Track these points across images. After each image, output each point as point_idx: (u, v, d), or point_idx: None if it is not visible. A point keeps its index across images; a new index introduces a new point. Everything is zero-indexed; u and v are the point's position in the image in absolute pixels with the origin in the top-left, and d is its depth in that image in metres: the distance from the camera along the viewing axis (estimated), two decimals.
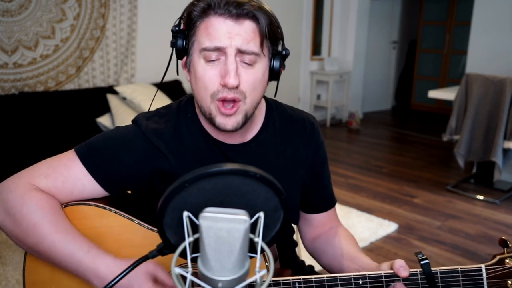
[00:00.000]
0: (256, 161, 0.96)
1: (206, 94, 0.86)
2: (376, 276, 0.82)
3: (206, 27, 0.83)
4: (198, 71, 0.85)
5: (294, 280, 0.82)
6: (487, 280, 0.80)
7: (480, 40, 3.97)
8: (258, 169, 0.52)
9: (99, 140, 0.93)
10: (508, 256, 0.81)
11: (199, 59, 0.85)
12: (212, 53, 0.83)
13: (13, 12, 3.24)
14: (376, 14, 6.38)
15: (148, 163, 0.91)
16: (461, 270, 0.81)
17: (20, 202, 0.82)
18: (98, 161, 0.89)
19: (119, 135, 0.93)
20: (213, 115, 0.86)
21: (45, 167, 0.88)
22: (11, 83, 3.31)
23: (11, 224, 0.83)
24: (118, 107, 3.46)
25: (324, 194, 1.09)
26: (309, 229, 1.11)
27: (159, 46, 4.05)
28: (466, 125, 3.34)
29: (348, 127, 5.85)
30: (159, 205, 0.53)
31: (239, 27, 0.82)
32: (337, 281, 0.82)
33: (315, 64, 5.93)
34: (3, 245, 2.49)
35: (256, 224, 0.52)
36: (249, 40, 0.83)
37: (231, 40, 0.82)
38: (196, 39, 0.85)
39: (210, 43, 0.83)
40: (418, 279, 0.81)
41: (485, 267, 0.81)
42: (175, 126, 0.94)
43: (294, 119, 1.03)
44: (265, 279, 0.49)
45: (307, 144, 1.03)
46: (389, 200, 3.41)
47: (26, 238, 0.82)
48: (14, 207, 0.82)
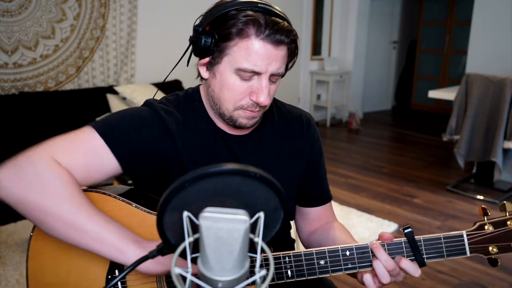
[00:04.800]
0: (256, 152, 1.00)
1: (231, 102, 0.90)
2: (362, 246, 0.84)
3: (247, 48, 0.84)
4: (229, 82, 0.88)
5: (284, 254, 0.84)
6: (469, 245, 0.84)
7: (480, 40, 3.97)
8: (258, 169, 0.52)
9: (115, 117, 0.92)
10: (488, 222, 0.85)
11: (231, 74, 0.88)
12: (247, 73, 0.86)
13: (13, 12, 3.24)
14: (376, 14, 6.38)
15: (162, 142, 0.92)
16: (443, 237, 0.84)
17: (50, 176, 0.79)
18: (118, 136, 0.88)
19: (135, 113, 0.93)
20: (234, 118, 0.92)
21: (62, 142, 0.86)
22: (11, 83, 3.31)
23: (38, 196, 0.78)
24: (118, 107, 3.46)
25: (320, 188, 1.12)
26: (306, 224, 1.14)
27: (159, 46, 4.07)
28: (466, 125, 3.34)
29: (348, 127, 5.85)
30: (159, 205, 0.53)
31: (276, 53, 0.86)
32: (325, 253, 0.84)
33: (315, 64, 5.93)
34: (3, 245, 2.49)
35: (256, 224, 0.52)
36: (281, 65, 0.88)
37: (268, 66, 0.86)
38: (232, 55, 0.86)
39: (248, 65, 0.85)
40: (402, 247, 0.84)
41: (466, 233, 0.84)
42: (183, 111, 0.96)
43: (292, 115, 1.07)
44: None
45: (304, 138, 1.06)
46: (389, 200, 3.41)
47: (53, 211, 0.78)
48: (44, 180, 0.79)
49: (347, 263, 0.84)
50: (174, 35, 3.98)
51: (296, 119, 1.07)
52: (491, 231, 0.83)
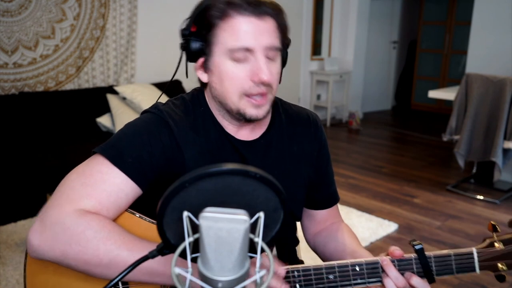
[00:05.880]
0: (265, 157, 0.98)
1: (235, 92, 0.87)
2: (372, 262, 0.84)
3: (230, 26, 0.83)
4: (227, 71, 0.86)
5: (293, 268, 0.83)
6: (479, 263, 0.83)
7: (480, 40, 3.97)
8: (258, 169, 0.52)
9: (122, 139, 0.89)
10: (497, 239, 0.84)
11: (225, 60, 0.86)
12: (240, 53, 0.84)
13: (13, 12, 3.24)
14: (376, 14, 6.38)
15: (170, 151, 0.90)
16: (453, 254, 0.83)
17: (81, 228, 0.77)
18: (131, 161, 0.86)
19: (142, 128, 0.90)
20: (242, 110, 0.88)
21: (80, 187, 0.83)
22: (11, 83, 3.31)
23: (76, 252, 0.77)
24: (118, 107, 3.46)
25: (328, 191, 1.11)
26: (312, 224, 1.13)
27: (159, 46, 4.07)
28: (466, 125, 3.34)
29: (348, 127, 5.85)
30: (159, 205, 0.53)
31: (263, 25, 0.84)
32: (334, 268, 0.83)
33: (315, 64, 5.93)
34: (3, 245, 2.49)
35: (256, 224, 0.52)
36: (273, 37, 0.86)
37: (259, 40, 0.84)
38: (219, 40, 0.85)
39: (237, 43, 0.83)
40: (412, 263, 0.83)
41: (476, 250, 0.83)
42: (192, 117, 0.94)
43: (299, 116, 1.05)
44: (265, 279, 0.49)
45: (312, 141, 1.05)
46: (389, 200, 3.41)
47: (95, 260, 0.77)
48: (76, 234, 0.77)
49: (356, 277, 0.83)
50: (174, 35, 3.96)
51: (303, 120, 1.05)
52: (501, 248, 0.83)
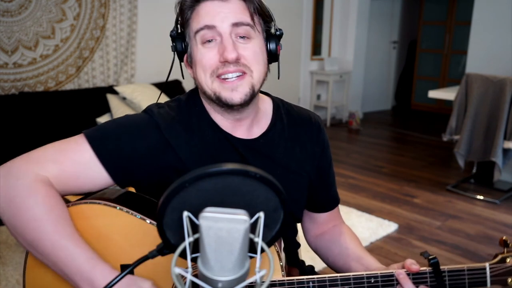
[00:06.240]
0: (265, 157, 0.96)
1: (206, 74, 0.87)
2: (387, 274, 0.85)
3: (197, 13, 0.86)
4: (197, 56, 0.87)
5: (308, 279, 0.84)
6: (491, 277, 0.85)
7: (480, 40, 3.97)
8: (258, 169, 0.52)
9: (110, 126, 0.90)
10: (509, 255, 0.85)
11: (196, 45, 0.87)
12: (205, 32, 0.85)
13: (13, 12, 3.24)
14: (376, 14, 6.39)
15: (160, 154, 0.89)
16: (467, 269, 0.85)
17: (27, 193, 0.78)
18: (110, 148, 0.86)
19: (132, 122, 0.91)
20: (217, 92, 0.87)
21: (52, 151, 0.85)
22: (11, 83, 3.31)
23: (12, 213, 0.78)
24: (118, 107, 3.46)
25: (329, 194, 1.10)
26: (313, 227, 1.12)
27: (159, 46, 4.06)
28: (466, 125, 3.34)
29: (348, 127, 5.85)
30: (159, 205, 0.53)
31: (227, 5, 0.85)
32: (350, 280, 0.85)
33: (315, 64, 5.93)
34: (3, 245, 2.49)
35: (256, 224, 0.52)
36: (240, 14, 0.85)
37: (221, 17, 0.84)
38: (190, 29, 0.88)
39: (199, 24, 0.85)
40: (427, 277, 0.85)
41: (489, 266, 0.85)
42: (186, 117, 0.93)
43: (301, 117, 1.04)
44: (265, 279, 0.49)
45: (314, 143, 1.03)
46: (389, 200, 3.41)
47: (25, 231, 0.78)
48: (19, 196, 0.78)
49: None
50: None
51: (305, 121, 1.04)
52: None
